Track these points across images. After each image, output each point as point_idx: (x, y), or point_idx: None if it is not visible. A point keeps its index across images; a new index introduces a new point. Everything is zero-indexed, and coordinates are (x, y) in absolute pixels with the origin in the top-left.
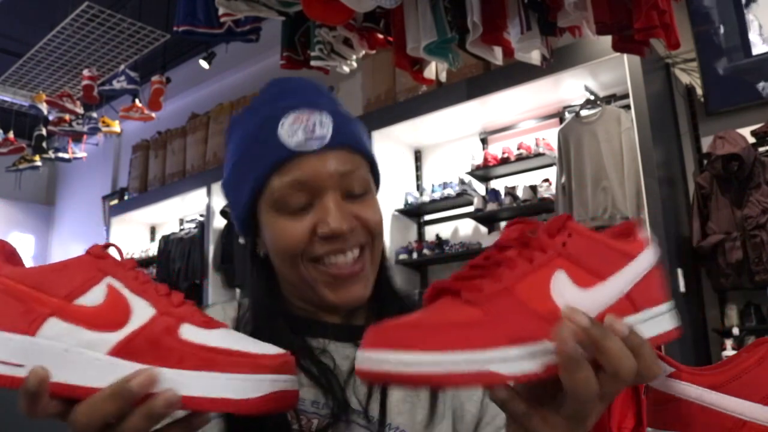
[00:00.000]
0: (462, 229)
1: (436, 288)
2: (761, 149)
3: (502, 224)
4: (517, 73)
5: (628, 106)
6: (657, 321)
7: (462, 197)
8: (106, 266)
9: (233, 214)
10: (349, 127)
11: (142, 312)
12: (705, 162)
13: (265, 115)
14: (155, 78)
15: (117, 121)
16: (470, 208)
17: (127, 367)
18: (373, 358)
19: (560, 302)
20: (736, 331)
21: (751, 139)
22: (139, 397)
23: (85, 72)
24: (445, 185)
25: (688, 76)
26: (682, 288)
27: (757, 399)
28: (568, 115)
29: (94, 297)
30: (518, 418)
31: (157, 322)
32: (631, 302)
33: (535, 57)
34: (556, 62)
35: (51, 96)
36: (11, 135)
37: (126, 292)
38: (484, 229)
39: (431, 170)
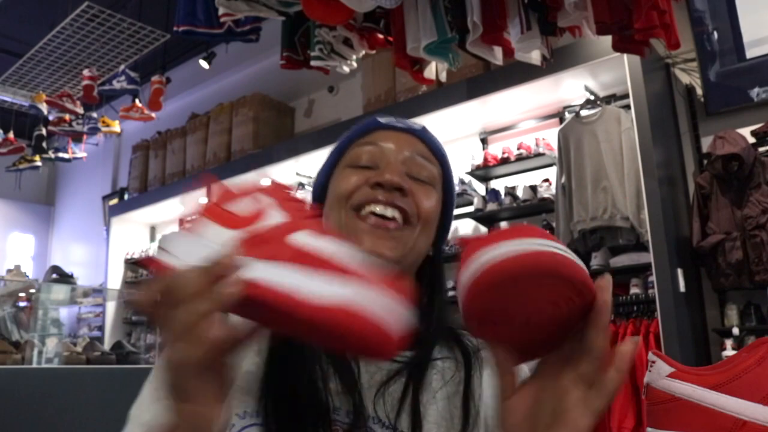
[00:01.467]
0: (462, 229)
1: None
2: (761, 149)
3: (503, 224)
4: (517, 73)
5: (628, 106)
6: None
7: (462, 197)
8: (266, 190)
9: (313, 194)
10: (434, 137)
11: (272, 217)
12: (705, 162)
13: (371, 117)
14: (155, 78)
15: (117, 121)
16: (470, 208)
17: (243, 260)
18: (468, 267)
19: None
20: (736, 331)
21: (751, 139)
22: (215, 272)
23: (85, 72)
24: None
25: (688, 76)
26: (682, 288)
27: (757, 399)
28: (568, 115)
29: (244, 206)
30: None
31: (273, 229)
32: None
33: (535, 57)
34: (556, 62)
35: (51, 96)
36: (11, 135)
37: (270, 207)
38: (484, 229)
39: None
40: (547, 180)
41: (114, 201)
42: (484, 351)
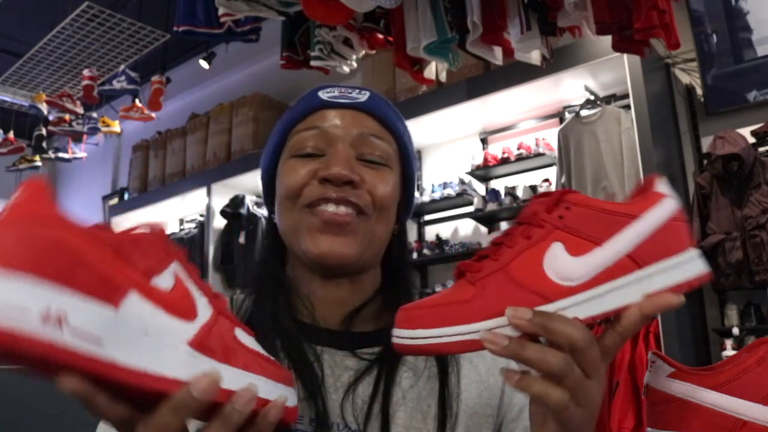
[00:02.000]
0: (462, 229)
1: (458, 268)
2: (761, 149)
3: (503, 224)
4: (517, 73)
5: (628, 106)
6: (674, 271)
7: (462, 197)
8: (172, 251)
9: (261, 182)
10: (385, 107)
11: (203, 308)
12: (705, 162)
13: (311, 90)
14: (155, 78)
15: (117, 121)
16: (470, 208)
17: (204, 363)
18: (402, 335)
19: (551, 274)
20: (736, 331)
21: (751, 139)
22: (205, 399)
23: (85, 72)
24: (445, 185)
25: (688, 76)
26: None
27: (757, 399)
28: (568, 115)
29: (165, 281)
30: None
31: (220, 322)
32: (634, 260)
33: (535, 57)
34: (556, 62)
35: (51, 96)
36: (11, 135)
37: (189, 284)
38: (484, 229)
39: (431, 170)
40: (547, 180)
41: (114, 201)
42: None
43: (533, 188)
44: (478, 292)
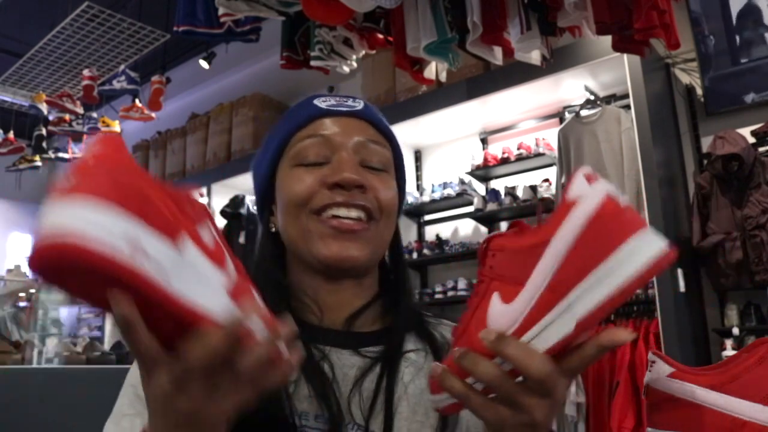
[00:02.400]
0: (462, 229)
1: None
2: (761, 149)
3: (503, 224)
4: (517, 73)
5: (628, 106)
6: (601, 283)
7: (462, 197)
8: (207, 212)
9: (255, 188)
10: (378, 114)
11: (229, 265)
12: (705, 162)
13: (306, 99)
14: (155, 78)
15: (117, 121)
16: (470, 208)
17: (236, 310)
18: (435, 400)
19: (493, 327)
20: (736, 331)
21: (751, 139)
22: (245, 336)
23: (85, 72)
24: (445, 185)
25: (688, 76)
26: (682, 288)
27: (757, 399)
28: (568, 115)
29: (206, 235)
30: (478, 409)
31: (242, 279)
32: (553, 292)
33: (535, 57)
34: (556, 62)
35: (51, 96)
36: (11, 135)
37: (220, 242)
38: (484, 229)
39: (431, 170)
40: (547, 180)
41: None
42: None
43: (533, 188)
44: (449, 361)
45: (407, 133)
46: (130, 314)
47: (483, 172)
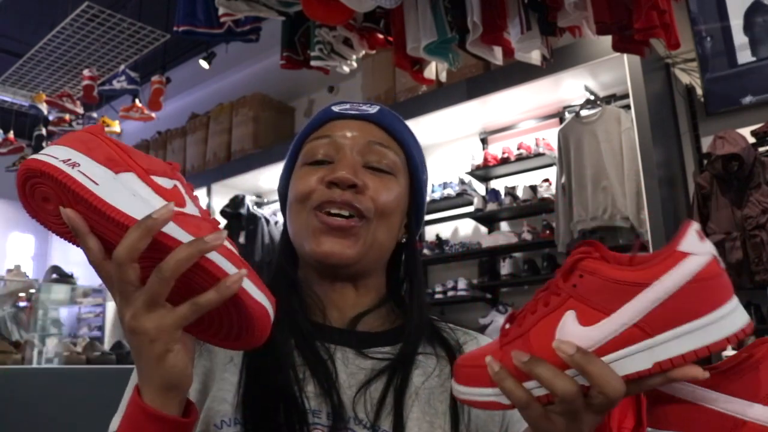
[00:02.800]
0: (462, 229)
1: (508, 316)
2: (761, 149)
3: (503, 224)
4: (517, 73)
5: (628, 106)
6: (689, 336)
7: (462, 197)
8: (178, 176)
9: (280, 190)
10: (393, 119)
11: (192, 208)
12: (705, 162)
13: (326, 106)
14: (155, 78)
15: (117, 121)
16: (470, 208)
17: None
18: (461, 391)
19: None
20: None
21: (751, 139)
22: (157, 227)
23: (85, 72)
24: (445, 185)
25: (688, 76)
26: None
27: (757, 399)
28: (568, 115)
29: (166, 183)
30: (534, 419)
31: (206, 222)
32: (642, 329)
33: (535, 57)
34: (556, 62)
35: (51, 96)
36: (11, 135)
37: (186, 194)
38: (484, 229)
39: (431, 170)
40: (547, 180)
41: None
42: (467, 346)
43: (533, 188)
44: (501, 358)
45: None
46: (75, 219)
47: (483, 172)
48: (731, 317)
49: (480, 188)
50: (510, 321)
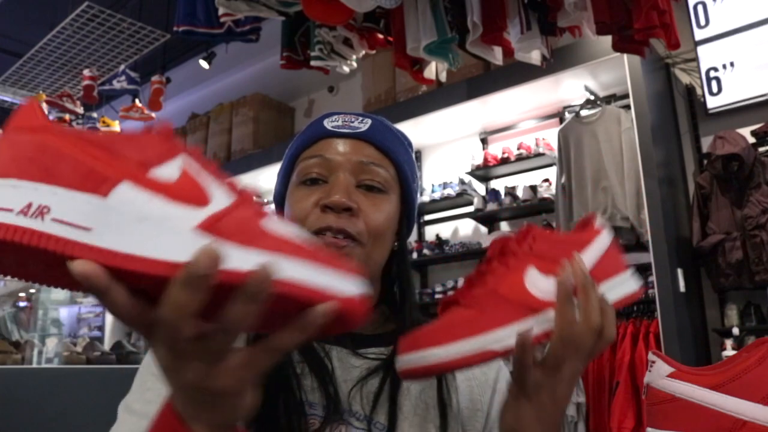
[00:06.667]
0: (462, 229)
1: (444, 302)
2: (761, 149)
3: (503, 224)
4: (517, 73)
5: (628, 106)
6: (618, 287)
7: (462, 197)
8: (178, 145)
9: (275, 204)
10: (385, 133)
11: (221, 197)
12: (705, 162)
13: (318, 118)
14: (155, 78)
15: (117, 121)
16: (470, 208)
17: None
18: (410, 358)
19: (533, 291)
20: (736, 331)
21: (751, 139)
22: (211, 276)
23: (85, 72)
24: (445, 185)
25: (688, 76)
26: (682, 288)
27: (757, 399)
28: (568, 115)
29: (168, 172)
30: (523, 367)
31: (243, 208)
32: (594, 277)
33: (535, 57)
34: (556, 62)
35: (51, 96)
36: None
37: (201, 175)
38: (484, 229)
39: (431, 170)
40: (547, 180)
41: None
42: None
43: (533, 188)
44: (478, 311)
45: (407, 133)
46: (88, 272)
47: (483, 172)
48: (633, 278)
49: (480, 188)
50: (465, 289)
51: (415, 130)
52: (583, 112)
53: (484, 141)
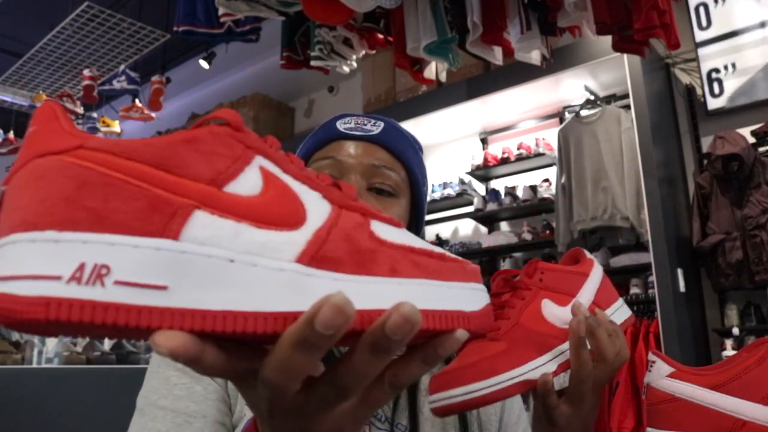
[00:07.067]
0: (462, 229)
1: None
2: (761, 149)
3: (503, 224)
4: (517, 73)
5: (628, 106)
6: (616, 315)
7: (462, 197)
8: (251, 142)
9: None
10: (398, 137)
11: (316, 205)
12: (705, 162)
13: (331, 119)
14: (155, 78)
15: (117, 121)
16: (470, 208)
17: (327, 282)
18: (443, 397)
19: (551, 320)
20: (736, 331)
21: (751, 139)
22: (336, 335)
23: (85, 72)
24: (445, 185)
25: (688, 76)
26: (682, 288)
27: (757, 399)
28: (568, 115)
29: (248, 183)
30: (549, 408)
31: (344, 218)
32: (597, 306)
33: (535, 57)
34: (556, 62)
35: (51, 96)
36: (11, 135)
37: (287, 179)
38: (484, 229)
39: (431, 170)
40: (547, 180)
41: None
42: None
43: (533, 188)
44: (508, 344)
45: None
46: (175, 348)
47: (483, 172)
48: (625, 306)
49: (480, 188)
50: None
51: (415, 130)
52: (583, 112)
53: (484, 141)
